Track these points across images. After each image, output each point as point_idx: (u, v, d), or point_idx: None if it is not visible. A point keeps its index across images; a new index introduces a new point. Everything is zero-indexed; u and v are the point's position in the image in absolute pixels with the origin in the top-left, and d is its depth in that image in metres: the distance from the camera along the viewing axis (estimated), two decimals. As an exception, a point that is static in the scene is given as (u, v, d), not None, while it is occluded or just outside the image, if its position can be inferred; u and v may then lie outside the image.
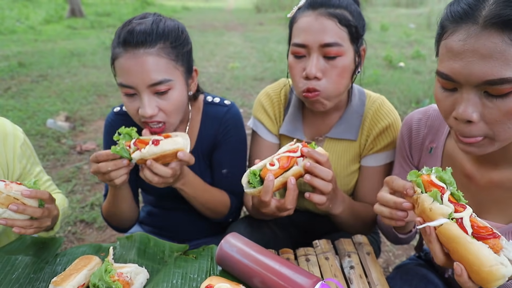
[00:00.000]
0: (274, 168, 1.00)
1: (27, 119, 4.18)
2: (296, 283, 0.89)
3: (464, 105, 0.80)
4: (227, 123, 1.34)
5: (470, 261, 0.70)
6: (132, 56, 1.07)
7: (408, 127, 1.16)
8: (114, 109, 1.37)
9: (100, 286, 0.93)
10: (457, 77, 0.79)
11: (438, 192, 0.77)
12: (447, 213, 0.75)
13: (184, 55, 1.17)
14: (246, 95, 5.14)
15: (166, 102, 1.12)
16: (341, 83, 1.17)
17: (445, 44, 0.81)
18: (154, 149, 1.03)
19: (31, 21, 11.09)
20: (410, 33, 9.38)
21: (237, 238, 1.02)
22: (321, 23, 1.11)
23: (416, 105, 4.51)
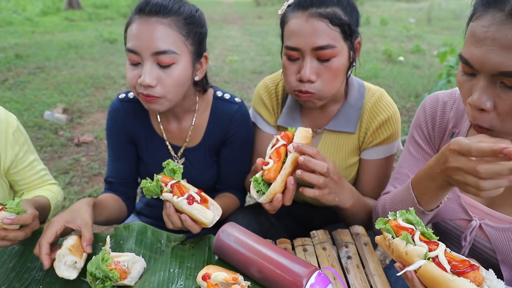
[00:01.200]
0: (269, 166, 1.00)
1: (24, 111, 4.16)
2: (293, 272, 0.89)
3: (479, 92, 0.78)
4: (238, 121, 1.33)
5: None
6: (143, 22, 1.08)
7: (433, 107, 1.12)
8: (119, 96, 1.35)
9: (97, 275, 0.93)
10: (474, 64, 0.78)
11: (408, 234, 0.75)
12: (422, 254, 0.73)
13: (197, 35, 1.16)
14: (245, 88, 5.12)
15: (167, 76, 1.10)
16: (335, 83, 1.16)
17: (471, 28, 0.80)
18: (183, 205, 0.98)
19: (28, 12, 11.01)
20: (410, 28, 9.34)
21: (234, 228, 1.02)
22: (312, 25, 1.08)
23: (415, 99, 4.51)
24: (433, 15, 10.73)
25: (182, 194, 1.00)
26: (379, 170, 1.32)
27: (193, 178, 1.35)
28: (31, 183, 1.32)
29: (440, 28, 9.63)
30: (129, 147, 1.37)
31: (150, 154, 1.36)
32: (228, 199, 1.37)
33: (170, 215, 1.01)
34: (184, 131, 1.34)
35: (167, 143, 1.35)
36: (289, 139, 1.05)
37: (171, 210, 1.01)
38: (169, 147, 1.36)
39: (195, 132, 1.34)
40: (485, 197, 0.92)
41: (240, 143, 1.36)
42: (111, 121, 1.35)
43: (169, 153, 1.36)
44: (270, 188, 0.99)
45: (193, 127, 1.33)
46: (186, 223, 1.01)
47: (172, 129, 1.35)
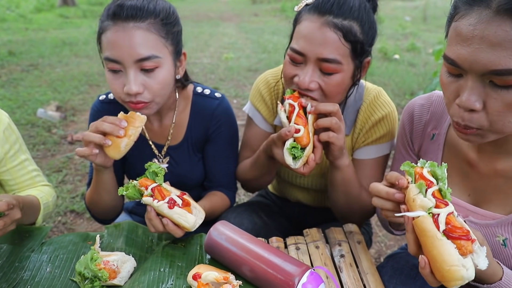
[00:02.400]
0: (301, 133, 1.03)
1: (17, 108, 4.11)
2: (285, 271, 0.88)
3: (468, 93, 0.77)
4: (219, 117, 1.31)
5: (434, 257, 0.71)
6: (120, 29, 1.04)
7: (409, 113, 1.13)
8: (99, 97, 1.33)
9: (86, 275, 0.92)
10: (462, 64, 0.76)
11: (424, 185, 0.77)
12: (426, 207, 0.75)
13: (174, 35, 1.14)
14: (240, 86, 5.10)
15: (153, 80, 1.08)
16: (333, 99, 1.11)
17: (455, 27, 0.78)
18: (164, 210, 0.97)
19: (22, 9, 10.91)
20: (406, 26, 9.35)
21: (226, 226, 1.01)
22: (323, 34, 1.02)
23: (410, 97, 4.51)
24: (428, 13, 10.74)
25: (163, 197, 0.98)
26: (371, 170, 1.27)
27: (179, 176, 1.34)
28: (22, 183, 1.29)
29: (436, 26, 9.64)
30: None
31: (135, 155, 1.34)
32: (217, 198, 1.35)
33: (151, 219, 1.00)
34: (166, 129, 1.32)
35: (150, 142, 1.33)
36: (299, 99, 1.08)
37: (152, 214, 0.99)
38: (152, 146, 1.34)
39: (177, 130, 1.32)
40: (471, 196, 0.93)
41: (224, 139, 1.34)
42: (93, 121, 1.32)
43: (153, 153, 1.34)
44: (306, 152, 1.03)
45: (174, 124, 1.31)
46: (168, 227, 0.99)
47: (154, 128, 1.33)
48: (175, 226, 0.99)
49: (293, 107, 1.06)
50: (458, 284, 0.69)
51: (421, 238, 0.74)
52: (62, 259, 1.05)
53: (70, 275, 1.00)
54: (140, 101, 1.08)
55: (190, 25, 9.61)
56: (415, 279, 1.00)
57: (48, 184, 1.35)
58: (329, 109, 1.04)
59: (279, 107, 1.10)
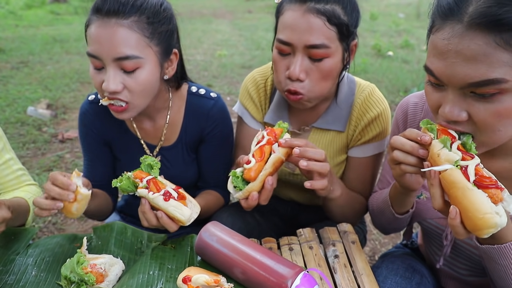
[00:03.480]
0: (251, 165, 0.97)
1: (7, 106, 4.04)
2: (278, 273, 0.85)
3: (450, 105, 0.76)
4: (214, 117, 1.28)
5: (466, 207, 0.69)
6: (102, 25, 1.00)
7: (403, 111, 1.12)
8: (88, 97, 1.30)
9: (72, 279, 0.89)
10: (440, 77, 0.75)
11: (448, 139, 0.76)
12: (453, 160, 0.74)
13: (162, 34, 1.09)
14: (234, 83, 5.06)
15: (133, 80, 1.04)
16: (326, 85, 1.11)
17: (432, 40, 0.77)
18: (159, 202, 0.94)
19: (12, 5, 10.73)
20: (399, 23, 9.36)
21: (217, 227, 0.98)
22: (307, 21, 1.02)
23: (404, 94, 4.50)
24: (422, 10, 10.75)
25: (158, 190, 0.96)
26: (366, 168, 1.28)
27: (172, 177, 1.30)
28: (7, 183, 1.25)
29: (429, 23, 9.67)
30: (103, 149, 1.33)
31: (126, 154, 1.31)
32: (211, 196, 1.32)
33: (145, 212, 0.97)
34: (159, 130, 1.29)
35: (142, 141, 1.30)
36: (275, 136, 1.01)
37: (146, 207, 0.97)
38: (144, 146, 1.30)
39: (171, 130, 1.29)
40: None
41: (219, 139, 1.31)
42: (82, 124, 1.30)
43: (145, 153, 1.31)
44: (248, 187, 0.97)
45: (167, 125, 1.28)
46: (162, 221, 0.96)
47: (146, 128, 1.29)
48: (170, 219, 0.97)
49: (263, 137, 1.02)
50: (491, 232, 0.68)
51: (449, 191, 0.73)
52: (49, 262, 1.02)
53: (56, 279, 0.97)
54: (119, 99, 1.05)
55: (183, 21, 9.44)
56: (411, 279, 0.99)
57: (34, 183, 1.31)
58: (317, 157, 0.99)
59: (258, 133, 1.06)
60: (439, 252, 1.10)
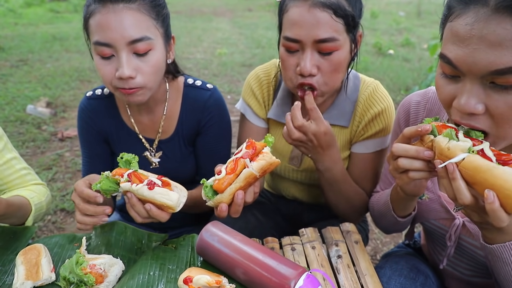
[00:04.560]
0: (220, 177, 0.92)
1: (6, 105, 4.03)
2: (281, 274, 0.84)
3: (467, 96, 0.72)
4: (211, 108, 1.27)
5: (502, 186, 0.65)
6: (111, 11, 1.00)
7: (405, 110, 1.10)
8: (86, 94, 1.30)
9: (71, 279, 0.87)
10: (460, 65, 0.72)
11: (452, 131, 0.74)
12: (466, 148, 0.71)
13: (164, 17, 1.11)
14: (234, 81, 5.05)
15: (145, 64, 1.05)
16: (338, 78, 1.11)
17: (451, 27, 0.74)
18: (144, 192, 0.91)
19: (11, 3, 10.69)
20: (400, 21, 9.34)
21: (218, 227, 0.97)
22: (314, 16, 1.01)
23: (405, 92, 4.49)
24: (423, 8, 10.73)
25: (141, 181, 0.93)
26: (369, 164, 1.27)
27: (170, 171, 1.29)
28: (11, 183, 1.23)
29: (430, 21, 9.63)
30: (102, 146, 1.32)
31: (125, 149, 1.29)
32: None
33: (134, 205, 0.95)
34: (156, 123, 1.28)
35: (140, 136, 1.29)
36: (255, 151, 0.95)
37: (134, 200, 0.94)
38: (143, 140, 1.30)
39: (168, 123, 1.28)
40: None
41: (215, 131, 1.30)
42: (81, 121, 1.29)
43: (144, 147, 1.30)
44: (216, 198, 0.94)
45: (165, 116, 1.27)
46: (152, 213, 0.94)
47: (144, 121, 1.29)
48: (159, 210, 0.94)
49: (240, 150, 0.96)
50: None
51: (475, 178, 0.69)
52: (47, 262, 1.00)
53: (55, 279, 0.95)
54: (132, 87, 1.05)
55: (183, 20, 9.50)
56: (415, 280, 0.98)
57: (41, 183, 1.29)
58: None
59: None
60: (442, 252, 1.08)
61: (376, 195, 1.23)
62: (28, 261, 0.94)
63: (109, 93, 1.28)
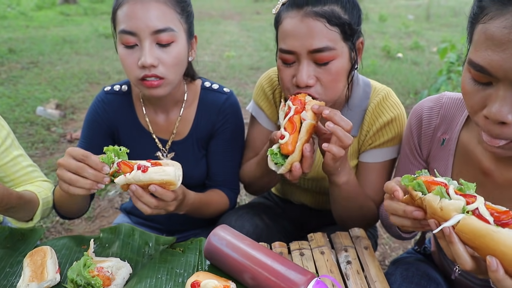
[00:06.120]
0: (286, 139, 0.95)
1: (16, 106, 4.07)
2: (289, 279, 0.83)
3: (500, 104, 0.69)
4: (226, 111, 1.28)
5: (503, 252, 0.61)
6: (138, 2, 1.04)
7: (417, 117, 1.06)
8: (104, 89, 1.31)
9: (78, 282, 0.87)
10: (495, 71, 0.68)
11: (442, 188, 0.70)
12: (460, 207, 0.66)
13: (189, 14, 1.14)
14: (242, 84, 5.05)
15: (167, 55, 1.07)
16: (337, 88, 1.07)
17: (485, 30, 0.70)
18: (141, 177, 0.90)
19: (23, 6, 10.86)
20: (409, 24, 9.28)
21: (226, 231, 0.96)
22: (307, 26, 0.98)
23: (414, 96, 4.45)
24: (432, 12, 10.66)
25: (131, 168, 0.93)
26: (377, 174, 1.22)
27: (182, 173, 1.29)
28: (17, 180, 1.24)
29: (439, 25, 9.56)
30: (105, 141, 1.30)
31: (136, 148, 1.30)
32: (214, 194, 1.30)
33: (141, 196, 0.94)
34: (171, 124, 1.29)
35: (154, 136, 1.29)
36: (302, 104, 0.99)
37: (140, 191, 0.93)
38: (156, 141, 1.30)
39: (183, 124, 1.29)
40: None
41: (229, 134, 1.30)
42: (93, 111, 1.30)
43: (156, 147, 1.30)
44: (288, 160, 0.96)
45: (180, 118, 1.28)
46: (158, 193, 0.93)
47: (159, 122, 1.29)
48: (163, 189, 0.94)
49: (290, 108, 0.99)
50: None
51: (475, 242, 0.65)
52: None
53: (63, 282, 0.95)
54: (155, 75, 1.06)
55: (191, 23, 9.53)
56: (426, 287, 0.95)
57: (47, 180, 1.30)
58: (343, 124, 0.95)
59: (281, 105, 1.05)
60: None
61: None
62: (34, 263, 0.95)
63: (127, 91, 1.30)
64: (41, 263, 0.95)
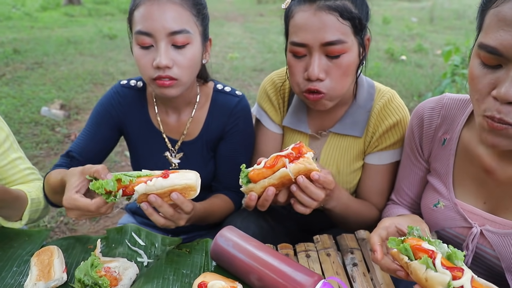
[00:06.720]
0: (258, 167, 0.97)
1: (21, 106, 4.09)
2: (296, 281, 0.83)
3: (510, 84, 0.70)
4: (237, 114, 1.28)
5: None
6: (155, 3, 1.05)
7: (419, 117, 1.08)
8: (120, 82, 1.32)
9: (85, 282, 0.87)
10: (507, 51, 0.70)
11: (429, 259, 0.69)
12: (445, 282, 0.65)
13: (204, 17, 1.16)
14: (245, 86, 5.06)
15: (182, 57, 1.08)
16: (346, 82, 1.09)
17: (496, 13, 0.72)
18: (163, 182, 0.89)
19: (27, 7, 10.92)
20: (412, 27, 9.27)
21: (233, 232, 0.96)
22: (320, 19, 1.01)
23: (418, 99, 4.44)
24: (435, 14, 10.65)
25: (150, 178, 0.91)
26: (382, 176, 1.24)
27: None
28: (13, 183, 1.23)
29: (443, 27, 9.55)
30: (110, 132, 1.30)
31: (145, 146, 1.30)
32: (218, 200, 1.30)
33: (161, 206, 0.92)
34: (182, 124, 1.30)
35: (164, 135, 1.30)
36: (298, 154, 0.96)
37: (159, 201, 0.91)
38: (166, 140, 1.30)
39: (193, 125, 1.29)
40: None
41: (238, 137, 1.30)
42: (107, 102, 1.29)
43: (165, 146, 1.31)
44: (248, 186, 0.98)
45: (192, 119, 1.28)
46: (179, 201, 0.92)
47: (170, 122, 1.30)
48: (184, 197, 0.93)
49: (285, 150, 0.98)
50: None
51: None
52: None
53: (70, 281, 0.95)
54: (169, 76, 1.07)
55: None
56: (433, 290, 0.95)
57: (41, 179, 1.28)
58: (314, 197, 0.97)
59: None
60: None
61: (389, 208, 1.21)
62: (41, 262, 0.95)
63: (142, 87, 1.30)
64: (48, 262, 0.95)
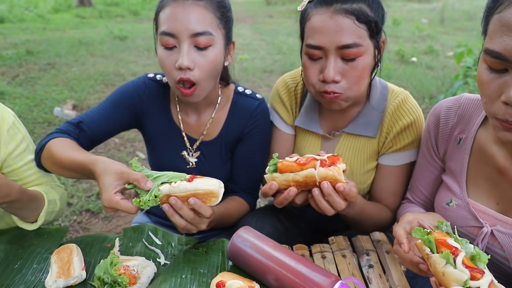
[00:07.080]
0: (289, 161, 1.00)
1: (35, 107, 4.16)
2: (314, 281, 0.83)
3: None
4: (257, 117, 1.30)
5: None
6: (180, 5, 1.07)
7: (435, 116, 1.09)
8: (147, 75, 1.33)
9: (105, 280, 0.89)
10: (511, 56, 0.71)
11: (450, 255, 0.68)
12: (462, 280, 0.65)
13: (228, 20, 1.16)
14: (255, 87, 5.07)
15: (204, 58, 1.09)
16: (362, 84, 1.10)
17: (500, 18, 0.73)
18: (187, 186, 0.91)
19: (40, 9, 11.08)
20: (423, 28, 9.20)
21: (249, 233, 0.97)
22: (337, 22, 1.01)
23: (430, 101, 4.41)
24: (446, 15, 10.56)
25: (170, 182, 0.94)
26: (396, 177, 1.24)
27: (205, 174, 1.30)
28: (29, 184, 1.22)
29: (454, 29, 9.47)
30: (127, 118, 1.29)
31: (164, 142, 1.32)
32: (234, 203, 1.30)
33: (181, 208, 0.94)
34: (202, 125, 1.31)
35: (183, 134, 1.31)
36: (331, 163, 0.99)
37: (179, 203, 0.93)
38: (185, 139, 1.32)
39: (213, 126, 1.31)
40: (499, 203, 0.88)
41: (256, 140, 1.31)
42: (133, 89, 1.29)
43: (184, 145, 1.32)
44: (272, 174, 1.01)
45: (212, 120, 1.30)
46: (197, 205, 0.93)
47: (190, 121, 1.31)
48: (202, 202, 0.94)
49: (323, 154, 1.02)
50: None
51: None
52: (80, 261, 1.03)
53: (88, 279, 0.97)
54: (189, 79, 1.09)
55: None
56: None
57: (59, 185, 1.29)
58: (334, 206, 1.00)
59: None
60: None
61: (404, 206, 1.21)
62: (61, 260, 0.97)
63: (167, 83, 1.32)
64: (68, 259, 0.97)
